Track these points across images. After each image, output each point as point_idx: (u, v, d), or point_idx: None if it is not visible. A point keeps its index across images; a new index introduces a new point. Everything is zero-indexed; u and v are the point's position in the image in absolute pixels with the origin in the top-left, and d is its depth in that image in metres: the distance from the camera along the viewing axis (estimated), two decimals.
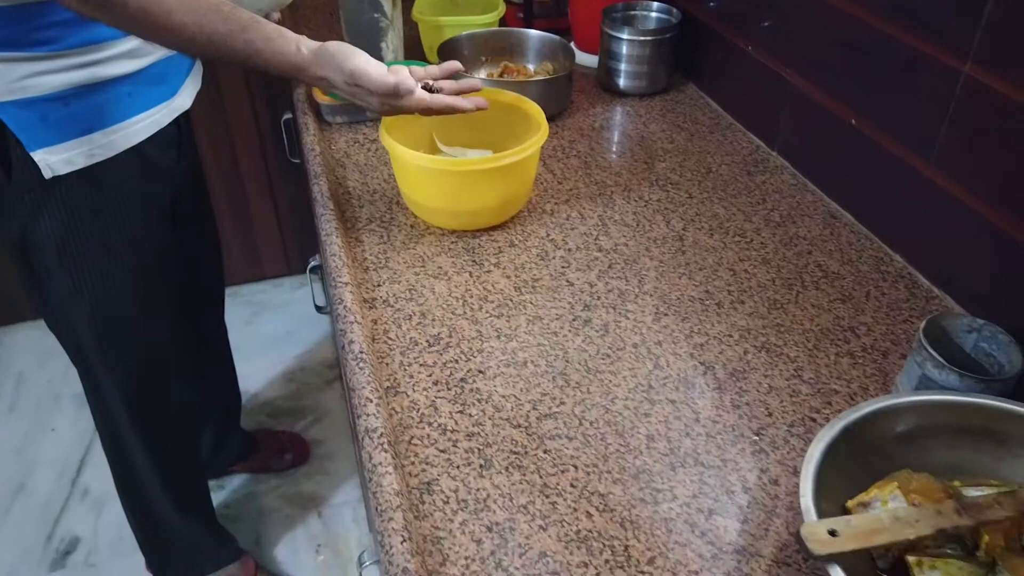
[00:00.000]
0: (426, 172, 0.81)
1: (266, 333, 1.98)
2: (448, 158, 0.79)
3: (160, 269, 1.06)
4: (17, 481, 1.61)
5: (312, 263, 1.10)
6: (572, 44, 1.28)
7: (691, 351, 0.71)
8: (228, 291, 1.38)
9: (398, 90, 0.77)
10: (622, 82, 1.16)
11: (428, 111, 0.81)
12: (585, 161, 1.01)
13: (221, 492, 1.57)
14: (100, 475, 1.58)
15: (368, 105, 0.80)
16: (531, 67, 1.18)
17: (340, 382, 1.84)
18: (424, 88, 0.80)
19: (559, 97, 1.10)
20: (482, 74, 1.18)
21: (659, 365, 0.69)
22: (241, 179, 1.97)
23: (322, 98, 1.05)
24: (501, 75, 1.14)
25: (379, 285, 0.79)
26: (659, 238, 0.86)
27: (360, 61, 0.77)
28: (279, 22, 1.05)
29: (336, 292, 0.75)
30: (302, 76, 0.78)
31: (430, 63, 0.84)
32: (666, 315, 0.75)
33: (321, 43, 0.79)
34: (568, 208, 0.91)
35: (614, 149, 1.04)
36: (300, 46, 0.78)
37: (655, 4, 1.18)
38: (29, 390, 1.83)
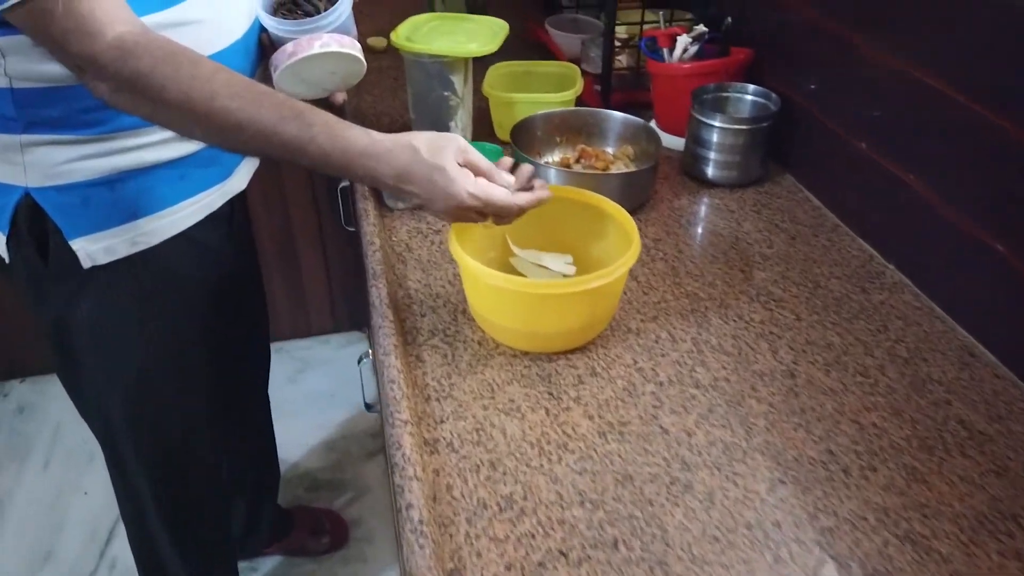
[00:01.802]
0: (500, 291, 0.71)
1: (309, 392, 1.90)
2: (526, 279, 0.69)
3: (203, 353, 0.98)
4: (46, 548, 1.54)
5: (362, 358, 1.00)
6: (653, 123, 1.18)
7: (818, 538, 0.58)
8: (273, 346, 1.30)
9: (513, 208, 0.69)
10: (711, 171, 1.05)
11: (520, 212, 0.71)
12: (673, 266, 0.90)
13: None
14: (129, 547, 1.51)
15: (443, 208, 0.70)
16: (610, 150, 1.08)
17: (383, 455, 1.74)
18: None
19: (642, 189, 1.00)
20: (556, 156, 1.09)
21: (780, 558, 0.57)
22: (292, 234, 1.91)
23: None
24: (578, 159, 1.04)
25: (442, 422, 0.68)
26: (766, 372, 0.74)
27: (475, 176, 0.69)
28: (345, 102, 0.97)
29: (394, 433, 0.65)
30: (371, 166, 0.68)
31: (501, 141, 0.75)
32: (783, 483, 0.63)
33: (397, 135, 0.70)
34: (656, 327, 0.80)
35: (705, 252, 0.93)
36: (371, 133, 0.69)
37: (751, 87, 1.07)
38: (64, 445, 1.77)
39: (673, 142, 1.13)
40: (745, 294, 0.85)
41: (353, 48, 0.88)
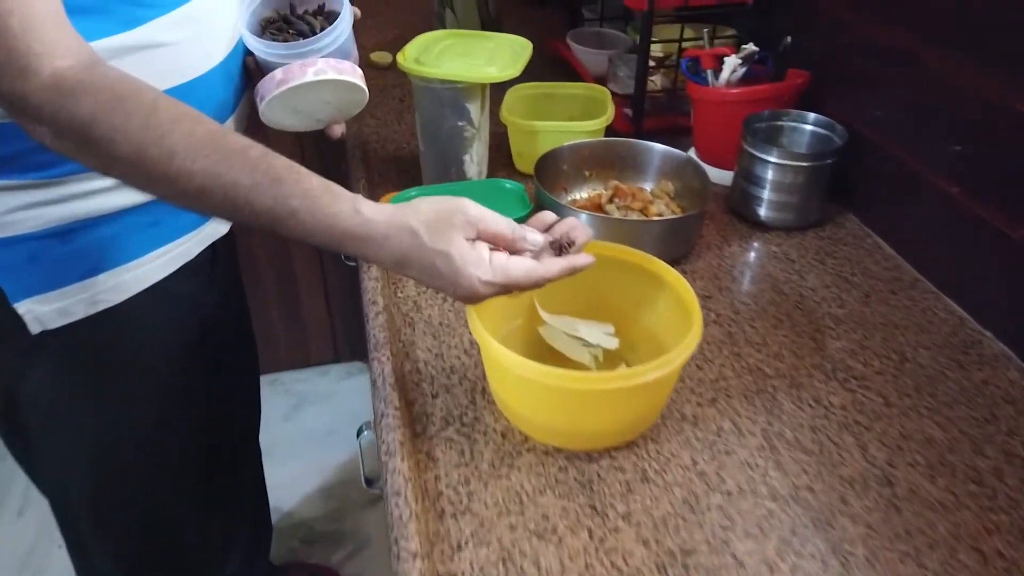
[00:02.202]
0: (533, 384, 0.58)
1: (305, 431, 1.76)
2: (566, 373, 0.55)
3: (182, 418, 0.85)
4: None
5: (363, 429, 0.87)
6: (692, 152, 1.04)
7: None
8: (268, 378, 1.17)
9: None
10: (763, 212, 0.91)
11: (542, 283, 0.58)
12: (729, 331, 0.76)
13: None
14: None
15: (454, 295, 0.57)
16: (648, 186, 0.94)
17: (383, 503, 1.61)
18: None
19: (688, 237, 0.86)
20: (584, 193, 0.95)
21: None
22: (290, 256, 1.78)
23: None
24: (612, 199, 0.91)
25: (460, 549, 0.55)
26: (856, 478, 0.60)
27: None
28: (344, 135, 0.84)
29: (401, 570, 0.51)
30: (363, 251, 0.56)
31: (521, 173, 0.62)
32: None
33: (395, 205, 0.57)
34: (717, 414, 0.66)
35: (765, 312, 0.79)
36: (359, 207, 0.56)
37: (810, 116, 0.93)
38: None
39: (716, 175, 0.99)
40: (819, 369, 0.71)
41: (353, 75, 0.75)
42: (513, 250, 0.57)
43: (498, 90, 0.99)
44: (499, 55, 0.90)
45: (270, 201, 0.54)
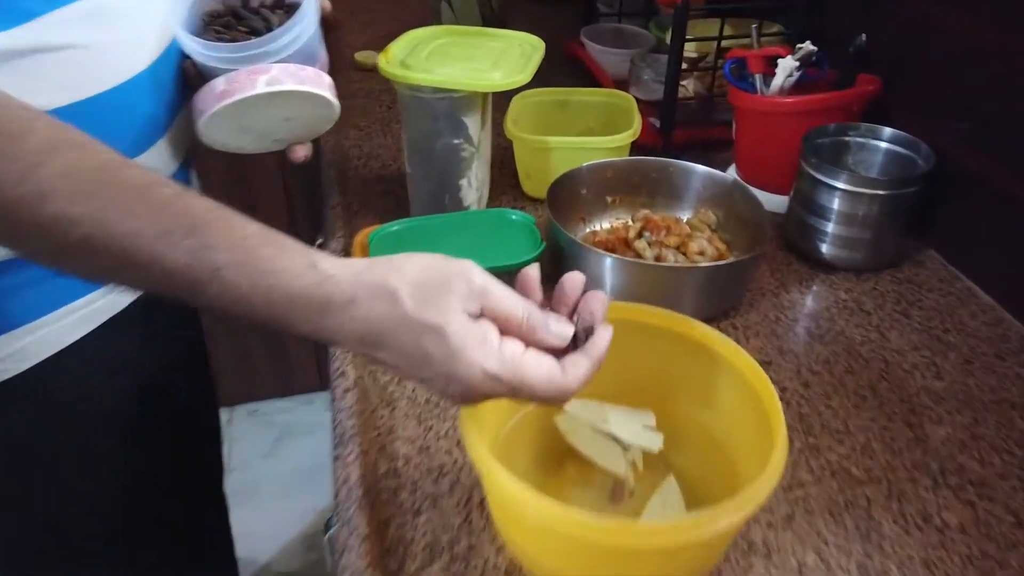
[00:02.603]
0: (556, 536, 0.41)
1: (286, 469, 1.60)
2: (603, 522, 0.38)
3: (112, 502, 0.69)
4: None
5: (330, 524, 0.70)
6: (733, 171, 0.88)
7: None
8: (248, 408, 1.00)
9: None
10: (827, 249, 0.74)
11: (563, 399, 0.42)
12: (800, 412, 0.59)
13: None
14: None
15: (444, 392, 0.41)
16: (684, 215, 0.78)
17: None
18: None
19: (740, 284, 0.70)
20: (607, 224, 0.79)
21: None
22: None
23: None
24: (640, 233, 0.74)
25: None
26: None
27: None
28: (308, 158, 0.67)
29: None
30: (318, 322, 0.39)
31: (530, 197, 0.45)
32: None
33: (368, 260, 0.40)
34: (795, 541, 0.50)
35: (843, 386, 0.62)
36: (316, 260, 0.40)
37: (886, 131, 0.76)
38: None
39: (765, 200, 0.82)
40: (923, 470, 0.55)
41: (317, 85, 0.58)
42: (529, 341, 0.41)
43: (501, 98, 0.83)
44: (505, 57, 0.73)
45: (185, 256, 0.38)
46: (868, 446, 0.56)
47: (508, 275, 0.46)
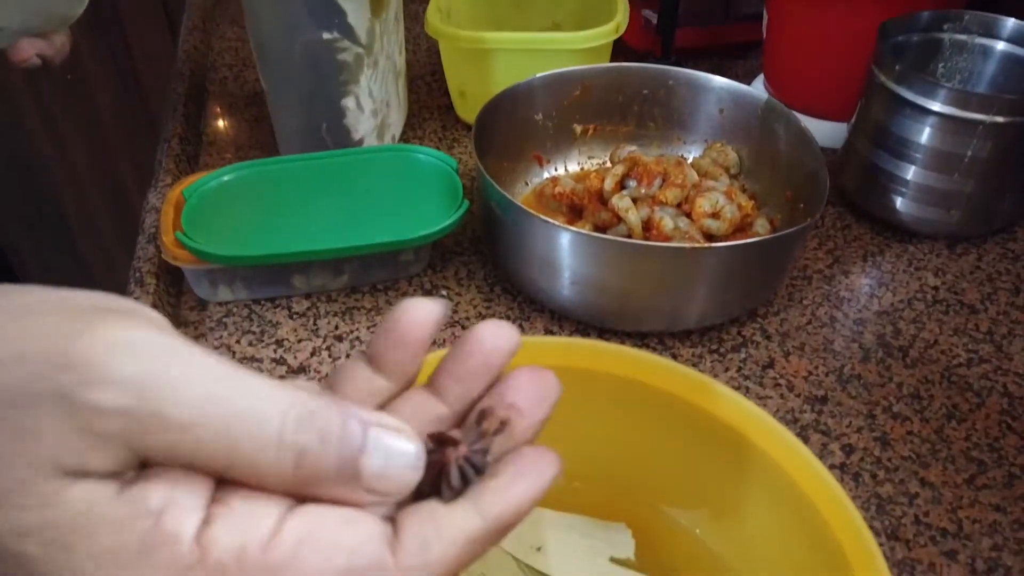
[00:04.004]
0: None
1: None
2: None
3: None
4: None
5: None
6: (761, 82, 0.61)
7: None
8: None
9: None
10: (907, 207, 0.49)
11: None
12: (877, 497, 0.35)
13: None
14: None
15: None
16: (690, 154, 0.52)
17: None
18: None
19: (778, 269, 0.44)
20: (572, 166, 0.53)
21: None
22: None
23: (178, 254, 0.41)
24: (622, 182, 0.48)
25: None
26: None
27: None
28: (64, 46, 0.41)
29: None
30: None
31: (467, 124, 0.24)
32: None
33: None
34: None
35: (943, 444, 0.38)
36: None
37: (1007, 23, 0.49)
38: None
39: (813, 127, 0.55)
40: None
41: None
42: (306, 495, 0.16)
43: None
44: None
45: None
46: (998, 560, 0.33)
47: (402, 268, 0.21)
